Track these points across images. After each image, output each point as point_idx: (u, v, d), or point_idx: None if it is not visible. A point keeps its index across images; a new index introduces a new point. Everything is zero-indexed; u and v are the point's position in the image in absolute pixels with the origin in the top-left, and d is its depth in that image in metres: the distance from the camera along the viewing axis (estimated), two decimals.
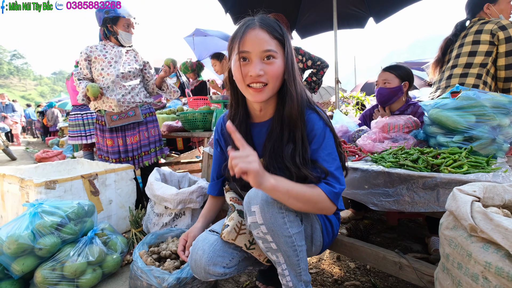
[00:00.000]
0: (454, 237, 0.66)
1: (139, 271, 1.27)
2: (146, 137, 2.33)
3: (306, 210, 0.93)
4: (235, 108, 1.11)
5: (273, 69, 0.94)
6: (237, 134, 0.84)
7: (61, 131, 7.94)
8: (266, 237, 0.90)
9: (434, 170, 0.99)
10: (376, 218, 2.23)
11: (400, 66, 1.99)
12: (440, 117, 1.17)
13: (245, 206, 0.93)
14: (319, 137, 0.97)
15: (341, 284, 1.41)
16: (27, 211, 1.37)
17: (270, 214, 0.87)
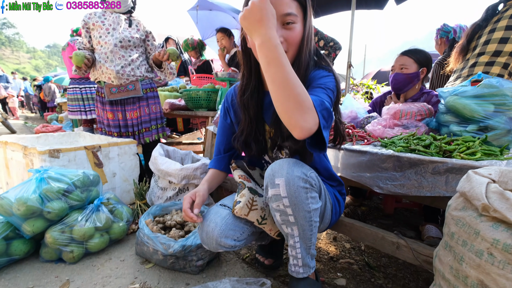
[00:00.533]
0: (463, 217, 0.70)
1: (146, 238, 1.31)
2: (147, 113, 2.27)
3: (289, 107, 0.76)
4: (247, 78, 1.08)
5: (293, 35, 0.91)
6: None
7: (59, 107, 7.80)
8: (286, 210, 0.92)
9: (446, 156, 1.01)
10: (373, 206, 2.30)
11: (419, 51, 1.86)
12: (457, 104, 1.16)
13: (267, 178, 0.94)
14: (315, 80, 0.94)
15: (336, 261, 1.48)
16: (33, 177, 1.39)
17: (295, 188, 0.89)
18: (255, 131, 1.11)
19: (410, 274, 1.40)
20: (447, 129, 1.26)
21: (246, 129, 1.10)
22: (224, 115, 1.24)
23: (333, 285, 1.27)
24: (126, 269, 1.31)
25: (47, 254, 1.34)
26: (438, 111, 1.34)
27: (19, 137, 2.26)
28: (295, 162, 0.93)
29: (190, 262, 1.27)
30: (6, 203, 1.29)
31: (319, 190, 1.00)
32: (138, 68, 2.21)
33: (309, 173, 0.93)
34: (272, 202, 0.94)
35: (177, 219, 1.48)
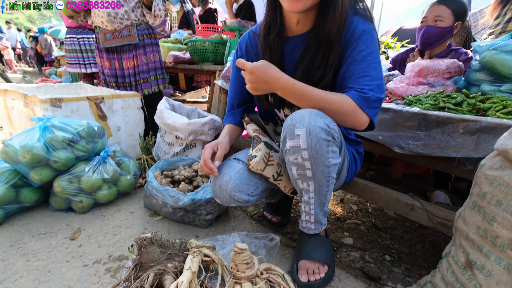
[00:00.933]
0: (500, 176, 0.66)
1: (154, 190, 1.30)
2: (144, 62, 2.08)
3: (333, 118, 0.87)
4: (271, 15, 0.97)
5: None
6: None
7: (57, 61, 7.52)
8: (304, 164, 0.87)
9: (480, 115, 0.94)
10: (381, 170, 2.29)
11: (457, 0, 1.60)
12: (494, 60, 1.06)
13: (286, 129, 0.88)
14: (359, 43, 0.86)
15: (344, 222, 1.49)
16: (36, 125, 1.34)
17: (316, 140, 0.83)
18: None
19: (417, 236, 1.41)
20: (477, 89, 1.17)
21: None
22: (238, 68, 1.14)
23: (340, 243, 1.28)
24: (136, 220, 1.31)
25: (57, 203, 1.34)
26: (469, 68, 1.23)
27: (18, 86, 2.18)
28: (317, 113, 0.85)
29: (199, 216, 1.27)
30: (12, 150, 1.26)
31: (340, 144, 0.93)
32: (133, 11, 1.99)
33: (332, 125, 0.85)
34: (290, 155, 0.89)
35: (185, 174, 1.46)
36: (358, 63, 0.86)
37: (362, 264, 1.14)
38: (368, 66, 0.85)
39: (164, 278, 0.83)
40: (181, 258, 0.92)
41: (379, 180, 2.07)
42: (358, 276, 1.07)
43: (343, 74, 0.90)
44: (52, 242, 1.14)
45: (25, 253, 1.07)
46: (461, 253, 0.78)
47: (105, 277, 0.97)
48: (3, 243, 1.13)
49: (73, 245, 1.13)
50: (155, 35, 2.16)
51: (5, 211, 1.24)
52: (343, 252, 1.22)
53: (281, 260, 1.12)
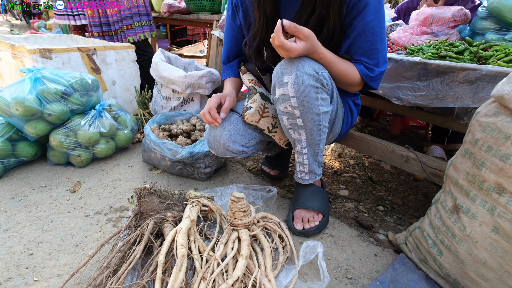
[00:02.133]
0: (493, 122, 0.66)
1: (152, 144, 1.30)
2: (126, 7, 1.95)
3: (337, 84, 0.95)
4: None
5: None
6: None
7: (45, 13, 7.10)
8: (293, 112, 0.87)
9: (481, 63, 0.92)
10: (380, 126, 2.28)
11: None
12: (502, 6, 1.02)
13: (275, 76, 0.86)
14: (368, 12, 0.83)
15: (340, 175, 1.52)
16: (26, 76, 1.30)
17: (304, 87, 0.82)
18: (270, 35, 0.96)
19: (410, 188, 1.45)
20: (481, 38, 1.14)
21: (260, 31, 0.95)
22: (232, 15, 1.07)
23: (336, 195, 1.32)
24: (135, 174, 1.34)
25: (55, 158, 1.35)
26: (476, 16, 1.18)
27: (5, 37, 2.07)
28: (306, 59, 0.82)
29: (198, 169, 1.29)
30: (3, 102, 1.24)
31: (331, 92, 0.92)
32: None
33: (321, 72, 0.83)
34: (280, 104, 0.88)
35: (183, 128, 1.46)
36: (366, 36, 0.86)
37: (356, 214, 1.18)
38: (376, 39, 0.86)
39: (163, 226, 0.87)
40: (180, 208, 0.95)
41: (377, 136, 2.07)
42: (351, 224, 1.12)
43: (349, 46, 0.90)
44: (52, 195, 1.16)
45: (27, 205, 1.10)
46: (449, 199, 0.80)
47: (106, 226, 1.01)
48: (3, 196, 1.15)
49: (74, 197, 1.16)
50: None
51: (3, 165, 1.26)
52: (339, 203, 1.26)
53: (277, 210, 1.16)
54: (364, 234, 1.06)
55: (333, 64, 0.86)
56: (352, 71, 0.89)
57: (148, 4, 2.08)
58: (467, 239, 0.72)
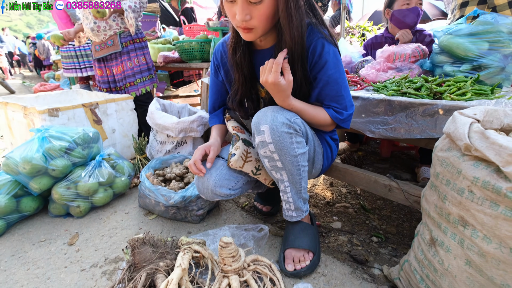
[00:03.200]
0: (447, 157, 0.70)
1: (147, 190, 1.37)
2: (129, 67, 2.18)
3: (310, 124, 1.04)
4: (236, 37, 1.03)
5: (261, 12, 0.84)
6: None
7: (55, 64, 7.63)
8: (272, 156, 0.95)
9: (437, 98, 0.99)
10: (370, 150, 2.32)
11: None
12: (451, 44, 1.13)
13: (253, 126, 0.95)
14: (329, 67, 0.96)
15: (333, 206, 1.54)
16: (35, 136, 1.41)
17: (279, 134, 0.90)
18: (249, 90, 1.10)
19: (404, 215, 1.45)
20: (441, 70, 1.24)
21: (240, 88, 1.09)
22: (215, 73, 1.20)
23: (328, 228, 1.33)
24: (131, 221, 1.39)
25: (56, 210, 1.42)
26: (432, 51, 1.30)
27: (18, 98, 2.26)
28: (279, 109, 0.94)
29: (191, 212, 1.33)
30: (12, 162, 1.34)
31: (305, 135, 1.00)
32: (113, 20, 2.08)
33: (293, 119, 0.93)
34: (260, 149, 0.96)
35: (176, 172, 1.53)
36: (331, 86, 0.97)
37: (349, 248, 1.19)
38: (340, 87, 0.98)
39: (156, 277, 0.89)
40: (172, 256, 0.97)
41: (368, 160, 2.11)
42: (345, 260, 1.12)
43: (318, 94, 1.00)
44: (51, 249, 1.21)
45: (26, 262, 1.14)
46: (426, 231, 0.82)
47: (101, 280, 1.04)
48: (4, 254, 1.19)
49: (71, 250, 1.20)
50: (139, 39, 2.22)
51: (6, 221, 1.32)
52: (332, 237, 1.27)
53: (269, 250, 1.17)
54: (358, 270, 1.06)
55: (303, 111, 0.98)
56: (323, 115, 1.00)
57: (150, 60, 2.29)
58: (447, 273, 0.73)
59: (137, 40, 2.20)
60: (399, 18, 1.81)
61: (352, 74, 1.56)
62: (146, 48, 2.27)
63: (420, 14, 1.78)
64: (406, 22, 1.80)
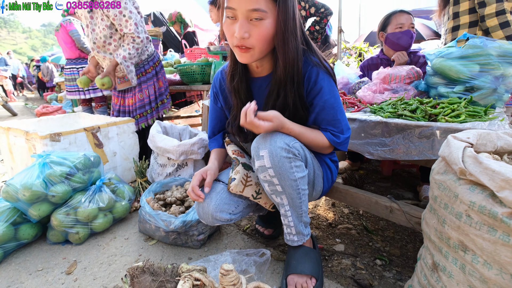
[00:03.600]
0: (444, 181, 0.70)
1: (147, 215, 1.36)
2: (140, 99, 2.27)
3: (308, 147, 1.05)
4: (234, 64, 1.07)
5: (260, 31, 0.88)
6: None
7: (58, 86, 7.81)
8: (272, 180, 0.95)
9: (432, 119, 1.01)
10: (371, 169, 2.31)
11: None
12: (443, 66, 1.16)
13: (253, 151, 0.97)
14: (324, 93, 0.99)
15: (335, 227, 1.52)
16: (36, 162, 1.42)
17: (278, 159, 0.91)
18: None
19: (407, 235, 1.43)
20: (435, 91, 1.27)
21: (238, 114, 1.10)
22: (214, 100, 1.24)
23: (331, 251, 1.31)
24: (131, 247, 1.37)
25: (54, 237, 1.41)
26: (426, 73, 1.34)
27: (20, 122, 2.29)
28: (278, 134, 0.95)
29: (192, 237, 1.32)
30: (12, 189, 1.33)
31: (304, 158, 1.01)
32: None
33: (292, 143, 0.94)
34: (260, 173, 0.97)
35: (177, 195, 1.52)
36: (327, 110, 1.00)
37: (353, 272, 1.17)
38: (336, 112, 1.01)
39: None
40: (172, 285, 0.95)
41: (369, 179, 2.10)
42: (349, 285, 1.09)
43: (315, 118, 1.03)
44: (48, 279, 1.18)
45: None
46: (428, 255, 0.81)
47: None
48: (0, 284, 1.16)
49: (69, 280, 1.17)
50: (151, 68, 2.30)
51: (3, 250, 1.30)
52: (335, 260, 1.25)
53: (272, 276, 1.15)
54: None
55: (302, 134, 1.00)
56: (320, 138, 1.02)
57: (158, 87, 2.34)
58: None
59: (148, 70, 2.27)
60: (394, 41, 1.88)
61: (349, 95, 1.59)
62: (153, 77, 2.31)
63: (413, 37, 1.85)
64: (401, 44, 1.87)
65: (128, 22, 1.92)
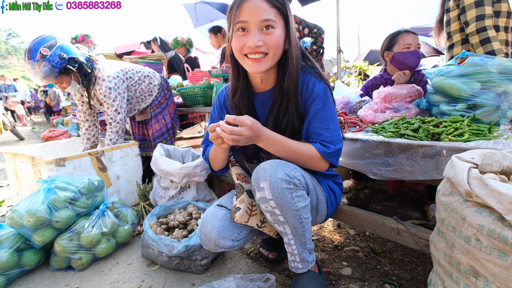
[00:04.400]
0: (450, 203, 0.69)
1: (150, 240, 1.34)
2: (157, 129, 2.38)
3: (300, 165, 1.02)
4: (236, 82, 1.11)
5: (273, 38, 0.94)
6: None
7: (64, 110, 7.98)
8: (274, 211, 0.94)
9: (435, 139, 1.00)
10: (377, 187, 2.28)
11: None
12: (443, 85, 1.16)
13: (253, 182, 0.96)
14: (318, 101, 1.01)
15: (341, 250, 1.48)
16: (41, 187, 1.43)
17: (279, 190, 0.91)
18: None
19: (417, 258, 1.38)
20: (437, 109, 1.26)
21: None
22: (219, 115, 1.23)
23: (338, 275, 1.27)
24: (133, 273, 1.34)
25: (57, 263, 1.39)
26: (427, 91, 1.34)
27: (27, 147, 2.32)
28: (278, 164, 0.94)
29: (195, 262, 1.29)
30: (17, 215, 1.33)
31: (305, 186, 1.00)
32: (138, 103, 2.31)
33: (293, 173, 0.94)
34: (261, 204, 0.96)
35: (180, 219, 1.51)
36: (319, 118, 1.01)
37: None
38: (328, 120, 1.01)
39: None
40: None
41: (375, 198, 2.06)
42: None
43: (308, 126, 1.03)
44: None
45: None
46: (439, 281, 0.78)
47: None
48: None
49: None
50: (163, 98, 2.41)
51: (6, 278, 1.29)
52: (342, 285, 1.20)
53: None
54: None
55: (284, 142, 0.98)
56: (308, 147, 1.00)
57: (169, 117, 2.43)
58: None
59: (162, 101, 2.39)
60: (401, 60, 1.88)
61: (350, 115, 1.59)
62: (167, 106, 2.42)
63: (421, 57, 1.86)
64: (408, 64, 1.87)
65: (109, 108, 2.06)
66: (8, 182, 3.00)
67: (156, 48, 5.05)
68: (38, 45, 1.75)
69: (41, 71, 1.75)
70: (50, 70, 1.77)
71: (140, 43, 8.00)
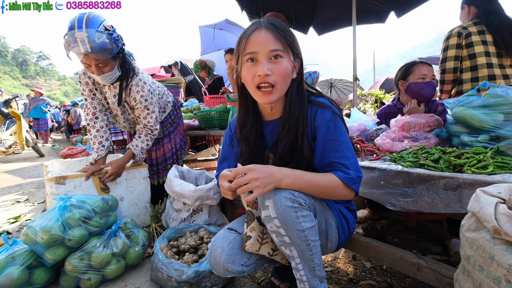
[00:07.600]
0: (476, 239, 0.65)
1: (160, 263, 1.32)
2: (169, 149, 2.33)
3: (325, 196, 1.01)
4: (245, 114, 1.14)
5: (281, 68, 0.97)
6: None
7: (84, 129, 8.28)
8: (279, 231, 0.92)
9: (457, 170, 0.97)
10: (394, 218, 2.20)
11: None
12: (464, 115, 1.14)
13: (259, 201, 0.95)
14: (329, 129, 1.01)
15: (357, 283, 1.40)
16: (57, 204, 1.45)
17: (283, 209, 0.89)
18: (256, 160, 1.13)
19: None
20: (458, 140, 1.23)
21: (247, 161, 1.13)
22: (230, 144, 1.26)
23: None
24: None
25: (66, 282, 1.37)
26: (446, 121, 1.31)
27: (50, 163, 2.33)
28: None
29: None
30: (32, 232, 1.35)
31: (313, 209, 0.99)
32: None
33: (298, 193, 0.93)
34: (267, 223, 0.94)
35: (191, 243, 1.48)
36: (335, 147, 1.00)
37: None
38: (343, 148, 1.00)
39: None
40: None
41: (392, 229, 1.97)
42: None
43: (321, 155, 1.03)
44: None
45: None
46: None
47: None
48: None
49: None
50: (176, 117, 2.38)
51: None
52: None
53: None
54: None
55: (305, 175, 0.97)
56: (330, 177, 0.97)
57: (179, 138, 2.40)
58: None
59: (174, 120, 2.35)
60: (416, 90, 1.87)
61: (367, 143, 1.57)
62: (177, 127, 2.38)
63: (436, 88, 1.86)
64: (423, 94, 1.86)
65: (149, 115, 1.97)
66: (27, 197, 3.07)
67: (177, 72, 5.23)
68: (99, 18, 1.64)
69: (99, 42, 1.58)
70: (107, 46, 1.62)
71: (160, 67, 8.35)
